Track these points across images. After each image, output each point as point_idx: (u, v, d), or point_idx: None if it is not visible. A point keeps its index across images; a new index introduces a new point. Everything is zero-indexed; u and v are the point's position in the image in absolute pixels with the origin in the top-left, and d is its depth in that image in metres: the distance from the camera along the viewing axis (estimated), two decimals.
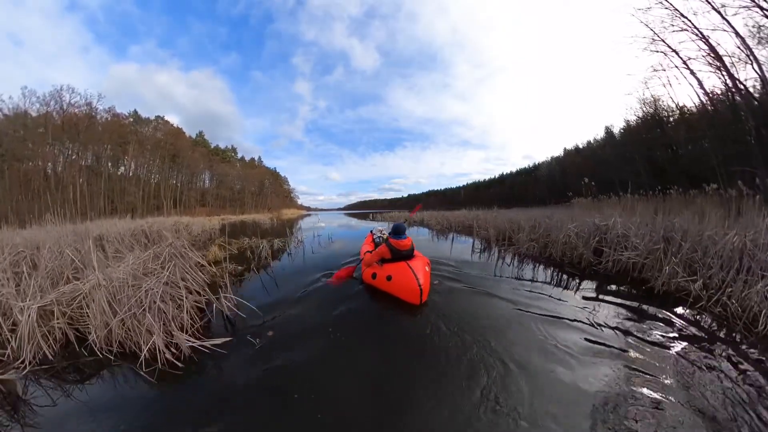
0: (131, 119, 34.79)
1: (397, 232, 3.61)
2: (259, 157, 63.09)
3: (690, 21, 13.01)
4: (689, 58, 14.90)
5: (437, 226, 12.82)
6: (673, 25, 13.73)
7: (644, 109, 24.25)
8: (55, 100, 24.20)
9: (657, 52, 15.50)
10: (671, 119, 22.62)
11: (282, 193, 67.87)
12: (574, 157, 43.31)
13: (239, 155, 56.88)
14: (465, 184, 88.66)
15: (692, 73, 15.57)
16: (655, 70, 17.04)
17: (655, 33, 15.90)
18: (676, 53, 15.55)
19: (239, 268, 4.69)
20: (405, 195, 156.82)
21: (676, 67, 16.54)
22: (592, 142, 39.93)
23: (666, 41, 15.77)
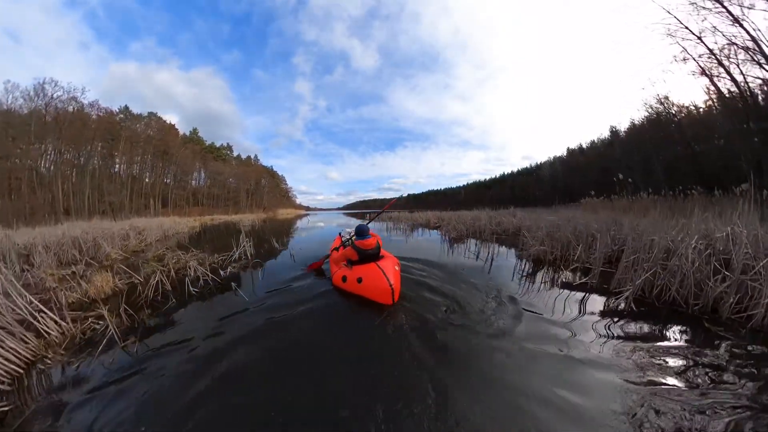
0: (121, 115, 33.50)
1: (361, 233, 3.68)
2: (256, 156, 61.83)
3: (722, 4, 11.91)
4: (722, 47, 13.82)
5: (453, 232, 9.80)
6: (704, 8, 12.58)
7: (658, 105, 23.31)
8: (38, 94, 22.89)
9: (683, 39, 14.36)
10: (678, 117, 21.66)
11: (279, 192, 66.61)
12: (578, 157, 42.31)
13: (235, 153, 55.61)
14: (465, 184, 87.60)
15: (719, 63, 14.51)
16: (674, 62, 16.05)
17: (678, 20, 14.87)
18: (701, 41, 14.52)
19: (95, 327, 2.64)
20: (405, 195, 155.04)
21: (693, 58, 15.57)
22: (596, 141, 38.97)
23: (689, 28, 14.75)
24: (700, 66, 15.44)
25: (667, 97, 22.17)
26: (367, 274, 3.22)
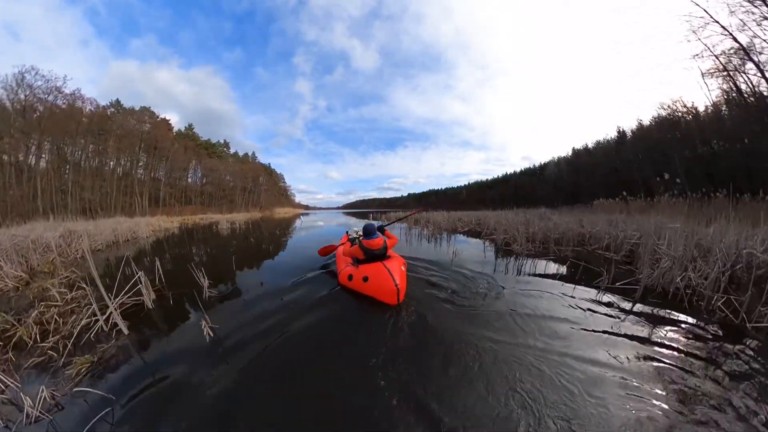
0: (112, 109, 32.18)
1: (368, 233, 3.64)
2: (253, 153, 60.45)
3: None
4: (737, 48, 13.06)
5: (524, 245, 5.99)
6: (747, 2, 11.66)
7: (672, 105, 22.37)
8: (20, 85, 21.53)
9: (710, 36, 13.64)
10: (689, 117, 20.62)
11: (277, 191, 65.27)
12: (583, 157, 41.10)
13: (232, 151, 54.24)
14: (467, 183, 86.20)
15: (749, 57, 13.50)
16: (695, 59, 15.21)
17: (709, 15, 13.98)
18: (733, 38, 13.57)
19: None
20: (404, 194, 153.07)
21: (715, 56, 14.59)
22: (602, 141, 37.78)
23: (720, 22, 13.85)
24: (722, 63, 14.52)
25: (681, 98, 21.60)
26: (373, 273, 3.19)
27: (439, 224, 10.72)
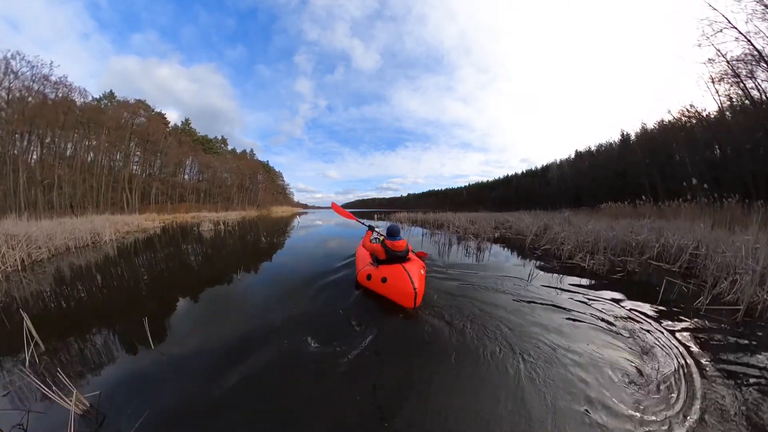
0: (105, 101, 31.16)
1: (392, 233, 3.64)
2: (251, 150, 59.40)
3: None
4: (765, 48, 12.74)
5: (596, 259, 5.02)
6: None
7: (685, 109, 21.87)
8: (6, 73, 20.47)
9: (722, 42, 13.50)
10: (694, 121, 20.19)
11: (275, 189, 64.25)
12: (587, 160, 40.50)
13: (230, 147, 53.19)
14: (467, 184, 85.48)
15: (765, 62, 13.02)
16: (706, 63, 14.91)
17: (727, 20, 13.67)
18: (750, 43, 13.18)
19: None
20: (404, 194, 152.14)
21: (727, 61, 14.18)
22: (605, 144, 37.16)
23: (737, 27, 13.48)
24: (733, 69, 14.18)
25: (691, 102, 21.56)
26: (392, 274, 3.19)
27: (465, 228, 9.20)
